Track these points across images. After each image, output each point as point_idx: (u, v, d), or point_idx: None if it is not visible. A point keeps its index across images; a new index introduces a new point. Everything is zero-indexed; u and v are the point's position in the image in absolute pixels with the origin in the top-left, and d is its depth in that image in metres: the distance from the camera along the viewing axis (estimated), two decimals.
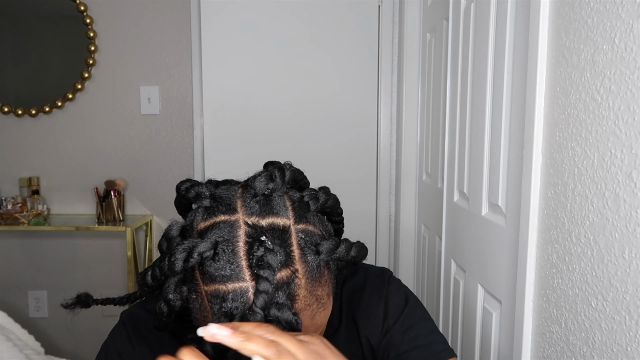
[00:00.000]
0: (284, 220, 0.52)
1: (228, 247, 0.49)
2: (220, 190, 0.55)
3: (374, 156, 2.28)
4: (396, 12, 2.18)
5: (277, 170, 0.55)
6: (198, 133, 2.26)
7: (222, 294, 0.49)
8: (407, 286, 0.79)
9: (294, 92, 2.22)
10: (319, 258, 0.53)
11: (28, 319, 2.36)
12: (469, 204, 1.18)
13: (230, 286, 0.49)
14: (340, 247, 0.54)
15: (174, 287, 0.51)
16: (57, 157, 2.31)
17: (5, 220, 2.09)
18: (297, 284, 0.50)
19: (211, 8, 2.16)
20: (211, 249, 0.49)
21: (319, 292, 0.53)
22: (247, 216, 0.51)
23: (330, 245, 0.53)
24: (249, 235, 0.50)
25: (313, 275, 0.52)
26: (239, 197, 0.53)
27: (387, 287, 0.71)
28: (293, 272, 0.50)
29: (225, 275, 0.49)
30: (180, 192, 0.56)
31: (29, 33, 2.23)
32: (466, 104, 1.20)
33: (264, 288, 0.47)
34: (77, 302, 0.65)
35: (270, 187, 0.53)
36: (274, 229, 0.51)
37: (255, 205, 0.52)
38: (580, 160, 0.72)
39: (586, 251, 0.71)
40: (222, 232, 0.51)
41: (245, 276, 0.49)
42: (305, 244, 0.52)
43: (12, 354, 0.98)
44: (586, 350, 0.71)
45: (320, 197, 0.58)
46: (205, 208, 0.54)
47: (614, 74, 0.64)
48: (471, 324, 1.18)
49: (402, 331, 0.68)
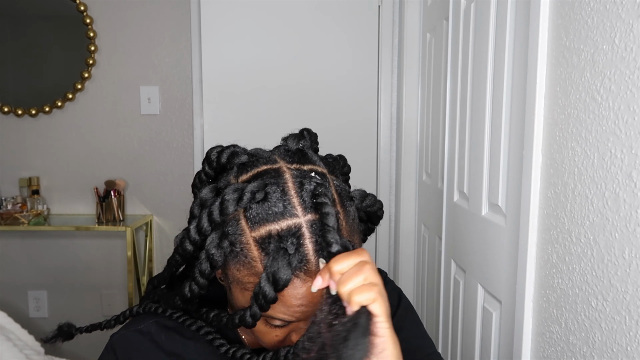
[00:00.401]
0: (322, 169, 0.56)
1: (278, 187, 0.51)
2: (254, 149, 0.58)
3: (374, 156, 2.28)
4: (396, 12, 2.18)
5: (305, 131, 0.60)
6: (198, 133, 2.26)
7: (274, 234, 0.49)
8: (403, 288, 0.80)
9: (294, 93, 2.22)
10: (353, 204, 0.56)
11: (28, 319, 2.36)
12: (469, 204, 1.18)
13: (283, 224, 0.49)
14: (369, 196, 0.59)
15: (217, 242, 0.51)
16: (57, 157, 2.31)
17: (5, 220, 2.09)
18: (340, 224, 0.52)
19: (211, 8, 2.16)
20: (262, 189, 0.50)
21: (354, 237, 0.55)
22: (288, 164, 0.54)
23: (360, 193, 0.58)
24: (296, 176, 0.52)
25: (350, 220, 0.54)
26: (275, 153, 0.56)
27: None
28: (336, 212, 0.52)
29: (277, 212, 0.49)
30: (211, 157, 0.56)
31: (29, 33, 2.23)
32: (466, 104, 1.20)
33: (329, 210, 0.48)
34: (58, 334, 0.63)
35: (302, 143, 0.58)
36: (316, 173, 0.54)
37: (294, 156, 0.55)
38: (580, 160, 0.72)
39: (586, 251, 0.71)
40: (269, 176, 0.52)
41: (297, 212, 0.50)
42: (341, 190, 0.55)
43: (12, 354, 0.98)
44: (586, 350, 0.71)
45: (340, 160, 0.64)
46: (243, 164, 0.55)
47: (614, 74, 0.64)
48: (471, 324, 1.19)
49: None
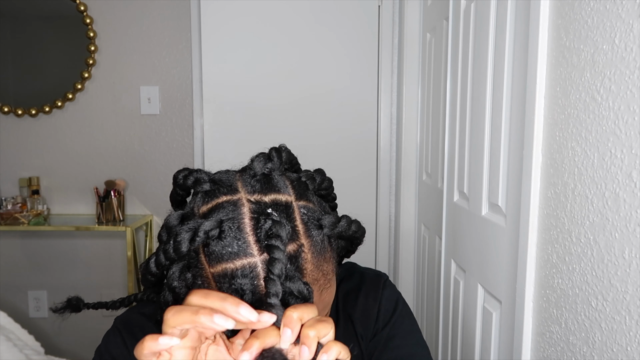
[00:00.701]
0: (286, 197, 0.52)
1: (234, 224, 0.49)
2: (218, 174, 0.55)
3: (374, 156, 2.28)
4: (396, 12, 2.18)
5: (274, 151, 0.56)
6: (198, 133, 2.26)
7: (230, 272, 0.48)
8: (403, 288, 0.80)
9: (294, 92, 2.22)
10: (322, 232, 0.53)
11: (28, 319, 2.36)
12: (469, 204, 1.18)
13: (238, 263, 0.48)
14: (342, 222, 0.55)
15: (178, 274, 0.50)
16: (57, 157, 2.31)
17: (5, 220, 2.09)
18: (303, 259, 0.50)
19: (211, 8, 2.16)
20: (216, 227, 0.48)
21: (324, 267, 0.53)
22: (249, 194, 0.51)
23: (332, 219, 0.54)
24: (254, 211, 0.50)
25: (318, 250, 0.52)
26: (239, 179, 0.53)
27: (382, 291, 0.72)
28: (299, 246, 0.50)
29: (232, 252, 0.48)
30: (178, 181, 0.56)
31: (29, 33, 2.23)
32: (466, 104, 1.20)
33: (278, 256, 0.46)
34: (67, 305, 0.63)
35: (269, 166, 0.54)
36: (277, 205, 0.51)
37: (257, 184, 0.52)
38: (580, 160, 0.72)
39: (586, 251, 0.71)
40: (226, 211, 0.50)
41: (253, 251, 0.48)
42: (308, 219, 0.52)
43: (12, 354, 0.97)
44: (586, 350, 0.71)
45: (317, 177, 0.58)
46: (206, 192, 0.53)
47: (614, 74, 0.64)
48: (471, 324, 1.18)
49: (387, 338, 0.69)
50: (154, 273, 0.51)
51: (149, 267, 0.51)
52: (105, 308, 0.65)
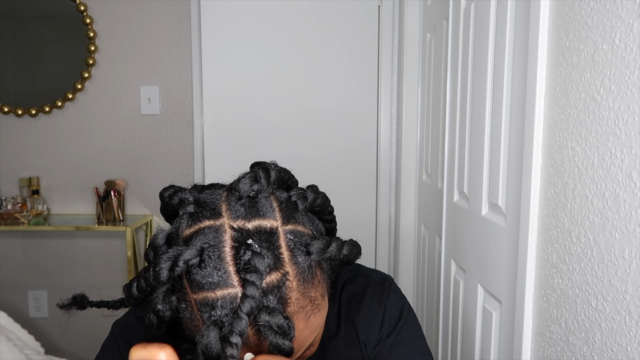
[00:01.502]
0: (271, 222, 0.50)
1: (214, 253, 0.48)
2: (204, 194, 0.53)
3: (374, 156, 2.28)
4: (396, 12, 2.18)
5: (261, 170, 0.53)
6: (198, 133, 2.26)
7: (210, 302, 0.47)
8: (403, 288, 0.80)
9: (294, 91, 2.22)
10: (309, 259, 0.51)
11: (28, 319, 2.36)
12: (469, 204, 1.18)
13: (219, 293, 0.47)
14: (332, 246, 0.52)
15: (162, 297, 0.49)
16: (57, 157, 2.31)
17: (5, 220, 2.09)
18: (288, 287, 0.49)
19: (211, 8, 2.16)
20: (197, 256, 0.47)
21: (312, 293, 0.51)
22: (232, 220, 0.50)
23: (320, 244, 0.51)
24: (235, 239, 0.48)
25: (305, 277, 0.50)
26: (224, 201, 0.51)
27: (387, 296, 0.71)
28: (283, 274, 0.48)
29: (213, 282, 0.47)
30: (164, 200, 0.54)
31: (29, 33, 2.23)
32: (466, 104, 1.20)
33: (251, 293, 0.45)
34: (72, 302, 0.63)
35: (255, 188, 0.52)
36: (260, 232, 0.49)
37: (241, 209, 0.50)
38: (580, 160, 0.72)
39: (586, 251, 0.71)
40: (208, 237, 0.49)
41: (233, 282, 0.47)
42: (294, 245, 0.50)
43: (12, 354, 0.97)
44: (586, 350, 0.71)
45: (309, 196, 0.56)
46: (190, 214, 0.52)
47: (614, 74, 0.64)
48: (471, 324, 1.18)
49: (391, 345, 0.68)
50: (136, 297, 0.50)
51: (131, 291, 0.50)
52: (107, 307, 0.65)
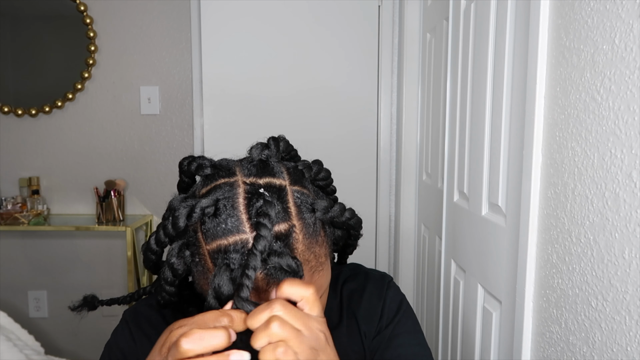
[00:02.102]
0: (280, 181, 0.55)
1: (228, 202, 0.51)
2: (219, 160, 0.58)
3: (374, 156, 2.28)
4: (396, 12, 2.18)
5: (272, 139, 0.59)
6: (198, 133, 2.26)
7: (223, 248, 0.50)
8: (403, 288, 0.81)
9: (294, 92, 2.22)
10: (314, 216, 0.55)
11: (28, 319, 2.36)
12: (469, 204, 1.18)
13: (231, 239, 0.50)
14: (335, 207, 0.56)
15: (177, 251, 0.53)
16: (57, 157, 2.31)
17: (5, 220, 2.09)
18: (294, 238, 0.52)
19: (211, 8, 2.16)
20: (212, 205, 0.51)
21: (316, 250, 0.55)
22: (245, 177, 0.54)
23: (325, 203, 0.55)
24: (248, 192, 0.52)
25: (310, 232, 0.54)
26: (237, 165, 0.56)
27: (386, 291, 0.74)
28: (290, 226, 0.52)
29: (226, 229, 0.50)
30: (183, 167, 0.59)
31: (29, 33, 2.23)
32: (466, 104, 1.20)
33: (264, 233, 0.48)
34: (83, 303, 0.65)
35: (266, 153, 0.57)
36: (271, 187, 0.53)
37: (253, 169, 0.55)
38: (580, 160, 0.72)
39: (586, 251, 0.71)
40: (223, 191, 0.53)
41: (245, 229, 0.50)
42: (301, 202, 0.54)
43: (12, 354, 0.98)
44: (586, 350, 0.71)
45: (314, 167, 0.61)
46: (206, 176, 0.56)
47: (614, 74, 0.64)
48: (471, 324, 1.19)
49: (390, 336, 0.70)
50: (154, 251, 0.54)
51: (149, 245, 0.54)
52: (118, 303, 0.68)
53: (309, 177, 0.59)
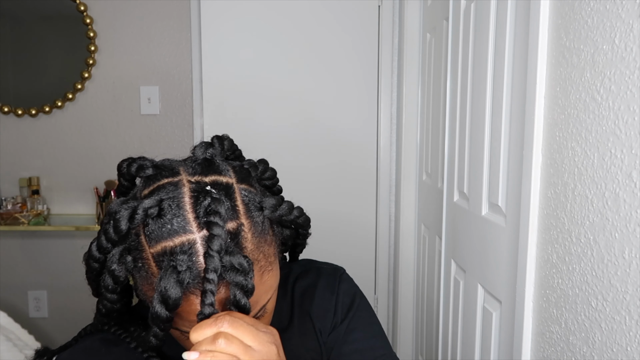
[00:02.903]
0: (227, 179, 0.53)
1: (173, 202, 0.49)
2: (162, 161, 0.56)
3: (374, 156, 2.28)
4: (396, 12, 2.18)
5: (215, 138, 0.57)
6: (198, 133, 2.26)
7: (169, 250, 0.48)
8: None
9: (293, 91, 2.22)
10: (262, 214, 0.54)
11: (28, 319, 2.36)
12: (469, 204, 1.18)
13: (177, 240, 0.48)
14: (283, 205, 0.55)
15: (118, 257, 0.50)
16: (57, 157, 2.31)
17: (5, 220, 2.09)
18: (243, 237, 0.51)
19: (211, 8, 2.16)
20: (156, 205, 0.49)
21: (265, 249, 0.53)
22: (189, 176, 0.52)
23: (273, 201, 0.54)
24: (194, 190, 0.51)
25: (259, 231, 0.53)
26: (181, 164, 0.54)
27: (338, 285, 0.72)
28: (239, 225, 0.51)
29: (171, 229, 0.48)
30: (122, 170, 0.56)
31: (29, 33, 2.23)
32: (466, 104, 1.20)
33: (217, 232, 0.47)
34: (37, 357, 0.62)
35: (210, 151, 0.55)
36: (218, 184, 0.52)
37: (198, 167, 0.53)
38: (580, 160, 0.72)
39: (586, 251, 0.71)
40: (166, 190, 0.51)
41: (192, 228, 0.48)
42: (249, 201, 0.53)
43: (12, 354, 0.98)
44: (586, 350, 0.71)
45: (259, 166, 0.59)
46: (148, 177, 0.54)
47: (614, 74, 0.64)
48: (471, 324, 1.18)
49: (346, 331, 0.70)
50: (97, 258, 0.52)
51: (91, 252, 0.51)
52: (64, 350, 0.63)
53: (255, 176, 0.58)
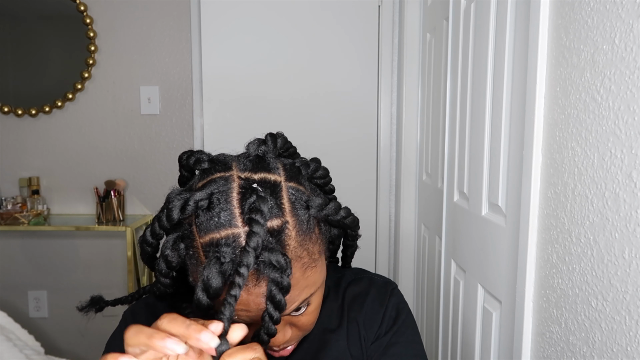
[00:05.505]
0: (275, 177, 0.55)
1: (222, 196, 0.52)
2: (217, 155, 0.59)
3: (374, 156, 2.28)
4: (396, 12, 2.18)
5: (269, 136, 0.59)
6: (198, 133, 2.26)
7: (215, 242, 0.51)
8: (403, 288, 0.81)
9: (294, 92, 2.22)
10: (308, 213, 0.55)
11: (28, 319, 2.36)
12: (469, 204, 1.18)
13: (223, 233, 0.51)
14: (330, 205, 0.57)
15: (172, 243, 0.53)
16: (57, 157, 2.31)
17: (5, 220, 2.09)
18: (287, 235, 0.52)
19: (211, 8, 2.16)
20: (206, 198, 0.51)
21: (309, 246, 0.55)
22: (240, 172, 0.55)
23: (319, 201, 0.56)
24: (242, 186, 0.53)
25: (303, 229, 0.54)
26: (234, 160, 0.57)
27: (389, 298, 0.73)
28: (283, 222, 0.52)
29: (219, 222, 0.51)
30: (182, 161, 0.60)
31: (29, 33, 2.23)
32: (466, 104, 1.20)
33: (257, 230, 0.49)
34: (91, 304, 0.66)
35: (262, 149, 0.57)
36: (265, 182, 0.54)
37: (249, 164, 0.56)
38: (580, 160, 0.72)
39: (586, 251, 0.71)
40: (217, 185, 0.53)
41: (237, 223, 0.51)
42: (295, 199, 0.54)
43: (12, 354, 0.98)
44: (586, 350, 0.71)
45: (311, 164, 0.61)
46: (204, 170, 0.57)
47: (614, 74, 0.64)
48: (471, 324, 1.18)
49: (387, 344, 0.70)
50: (150, 243, 0.55)
51: (145, 237, 0.55)
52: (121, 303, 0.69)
53: (306, 174, 0.59)
